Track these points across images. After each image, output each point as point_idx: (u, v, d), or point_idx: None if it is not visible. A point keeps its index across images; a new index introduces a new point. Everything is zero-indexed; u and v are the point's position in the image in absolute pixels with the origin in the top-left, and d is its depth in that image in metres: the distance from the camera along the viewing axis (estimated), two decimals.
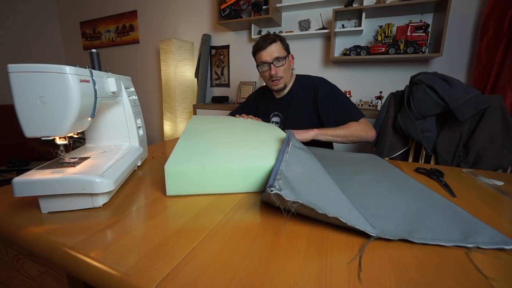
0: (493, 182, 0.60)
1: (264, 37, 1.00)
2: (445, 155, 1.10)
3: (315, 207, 0.35)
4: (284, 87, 1.06)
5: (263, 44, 0.98)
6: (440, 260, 0.32)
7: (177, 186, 0.49)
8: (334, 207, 0.38)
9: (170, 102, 2.49)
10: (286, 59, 1.01)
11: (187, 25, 2.65)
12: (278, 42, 0.99)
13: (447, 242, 0.35)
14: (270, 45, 0.98)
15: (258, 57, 1.03)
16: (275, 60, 0.98)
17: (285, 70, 1.02)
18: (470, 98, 0.99)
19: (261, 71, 1.04)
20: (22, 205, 0.45)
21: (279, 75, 1.01)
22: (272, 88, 1.07)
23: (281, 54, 0.99)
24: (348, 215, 0.37)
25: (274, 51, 0.98)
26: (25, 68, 0.39)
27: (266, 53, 0.99)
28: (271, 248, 0.33)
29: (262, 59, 1.00)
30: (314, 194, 0.40)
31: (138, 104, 0.73)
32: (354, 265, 0.30)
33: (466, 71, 1.72)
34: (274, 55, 0.98)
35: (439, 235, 0.36)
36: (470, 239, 0.35)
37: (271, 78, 1.02)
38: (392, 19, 1.81)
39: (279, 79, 1.02)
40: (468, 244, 0.34)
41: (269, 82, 1.06)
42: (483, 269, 0.30)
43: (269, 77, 1.03)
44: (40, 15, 3.33)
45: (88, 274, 0.30)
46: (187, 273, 0.28)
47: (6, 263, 0.44)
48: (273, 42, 0.98)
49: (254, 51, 1.04)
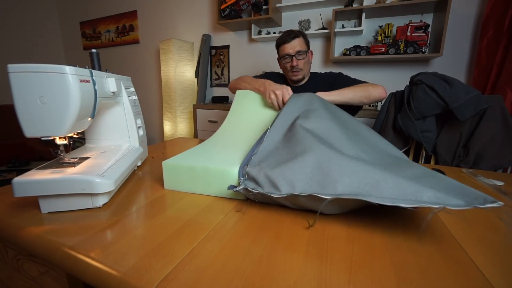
0: (493, 182, 0.60)
1: (288, 32, 1.09)
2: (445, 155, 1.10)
3: (279, 194, 0.39)
4: (302, 79, 1.14)
5: (287, 38, 1.07)
6: (440, 260, 0.32)
7: (173, 181, 0.52)
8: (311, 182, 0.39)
9: (170, 102, 2.49)
10: (306, 54, 1.09)
11: (187, 25, 2.65)
12: (300, 38, 1.09)
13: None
14: (294, 39, 1.07)
15: (281, 49, 1.11)
16: (297, 53, 1.07)
17: (305, 63, 1.10)
18: (470, 98, 0.99)
19: (283, 62, 1.12)
20: (22, 205, 0.45)
21: (300, 67, 1.09)
22: (291, 78, 1.14)
23: (302, 48, 1.08)
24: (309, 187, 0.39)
25: (296, 45, 1.07)
26: (25, 68, 0.39)
27: (289, 46, 1.07)
28: (271, 248, 0.33)
29: (286, 51, 1.09)
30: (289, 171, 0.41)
31: (138, 104, 0.73)
32: (354, 265, 0.30)
33: (466, 71, 1.72)
34: (297, 49, 1.07)
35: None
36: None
37: (292, 69, 1.10)
38: (392, 19, 1.81)
39: (299, 71, 1.10)
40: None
41: (289, 73, 1.14)
42: (484, 268, 0.30)
43: (290, 68, 1.11)
44: (40, 15, 3.33)
45: (88, 274, 0.30)
46: (187, 273, 0.28)
47: (6, 263, 0.44)
48: (296, 37, 1.08)
49: (278, 44, 1.12)
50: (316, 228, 0.39)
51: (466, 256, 0.33)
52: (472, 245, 0.35)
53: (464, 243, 0.35)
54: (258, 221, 0.40)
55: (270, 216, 0.42)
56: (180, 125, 2.51)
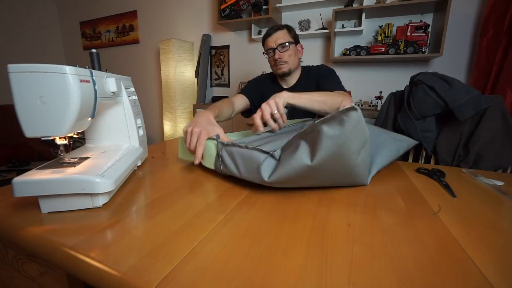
0: (493, 182, 0.60)
1: (271, 26, 1.08)
2: (445, 155, 1.10)
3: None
4: (289, 72, 1.08)
5: (270, 31, 1.06)
6: (440, 260, 0.32)
7: (182, 151, 0.71)
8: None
9: (170, 102, 2.49)
10: (291, 46, 1.05)
11: (187, 25, 2.65)
12: (284, 30, 1.05)
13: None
14: (276, 32, 1.04)
15: (265, 44, 1.09)
16: (279, 46, 1.03)
17: (290, 56, 1.05)
18: (470, 98, 0.99)
19: (268, 57, 1.10)
20: (22, 205, 0.45)
21: (283, 59, 1.04)
22: (276, 72, 1.10)
23: (285, 40, 1.04)
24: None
25: (279, 38, 1.04)
26: (25, 68, 0.39)
27: (271, 39, 1.05)
28: (271, 248, 0.33)
29: (268, 45, 1.06)
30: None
31: (138, 104, 0.73)
32: (354, 265, 0.30)
33: (466, 71, 1.72)
34: (279, 41, 1.03)
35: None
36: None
37: (276, 63, 1.06)
38: (392, 19, 1.81)
39: (283, 64, 1.05)
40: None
41: (274, 67, 1.10)
42: (484, 268, 0.30)
43: (273, 62, 1.07)
44: (40, 15, 3.33)
45: (88, 274, 0.30)
46: (187, 273, 0.28)
47: (6, 263, 0.44)
48: (279, 29, 1.04)
49: (262, 40, 1.10)
50: (316, 228, 0.39)
51: (466, 256, 0.33)
52: (472, 245, 0.35)
53: (464, 243, 0.35)
54: (258, 221, 0.40)
55: (270, 216, 0.42)
56: (180, 125, 2.51)
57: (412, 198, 0.51)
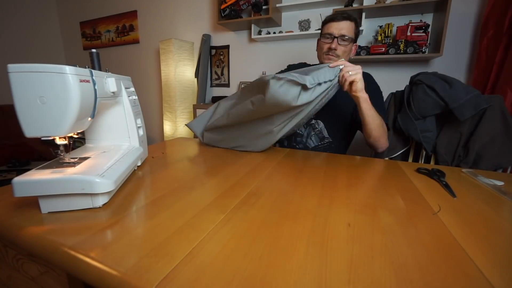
0: (493, 182, 0.60)
1: (341, 12, 0.98)
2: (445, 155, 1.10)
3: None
4: None
5: (337, 17, 0.96)
6: (440, 260, 0.32)
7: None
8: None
9: (170, 102, 2.49)
10: (350, 42, 0.97)
11: (187, 25, 2.65)
12: (352, 22, 0.96)
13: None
14: (344, 20, 0.95)
15: (326, 27, 0.98)
16: (340, 37, 0.94)
17: (344, 52, 0.97)
18: (470, 98, 0.99)
19: (322, 40, 1.00)
20: (22, 205, 0.45)
21: (337, 52, 0.96)
22: (323, 61, 1.01)
23: (349, 34, 0.95)
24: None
25: (343, 28, 0.95)
26: (25, 68, 0.39)
27: (336, 25, 0.95)
28: (271, 248, 0.33)
29: (330, 30, 0.96)
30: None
31: (138, 104, 0.73)
32: (354, 265, 0.30)
33: (466, 71, 1.72)
34: (342, 32, 0.94)
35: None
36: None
37: (328, 52, 0.97)
38: (392, 19, 1.81)
39: (334, 56, 0.97)
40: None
41: (323, 55, 1.01)
42: (484, 268, 0.30)
43: (326, 49, 0.98)
44: (40, 15, 3.32)
45: (88, 274, 0.30)
46: (187, 273, 0.28)
47: (6, 263, 0.44)
48: (347, 19, 0.95)
49: (325, 21, 1.00)
50: (316, 228, 0.39)
51: (466, 256, 0.33)
52: (472, 245, 0.35)
53: (464, 243, 0.35)
54: (258, 221, 0.40)
55: (270, 216, 0.42)
56: (180, 125, 2.51)
57: (412, 198, 0.51)
